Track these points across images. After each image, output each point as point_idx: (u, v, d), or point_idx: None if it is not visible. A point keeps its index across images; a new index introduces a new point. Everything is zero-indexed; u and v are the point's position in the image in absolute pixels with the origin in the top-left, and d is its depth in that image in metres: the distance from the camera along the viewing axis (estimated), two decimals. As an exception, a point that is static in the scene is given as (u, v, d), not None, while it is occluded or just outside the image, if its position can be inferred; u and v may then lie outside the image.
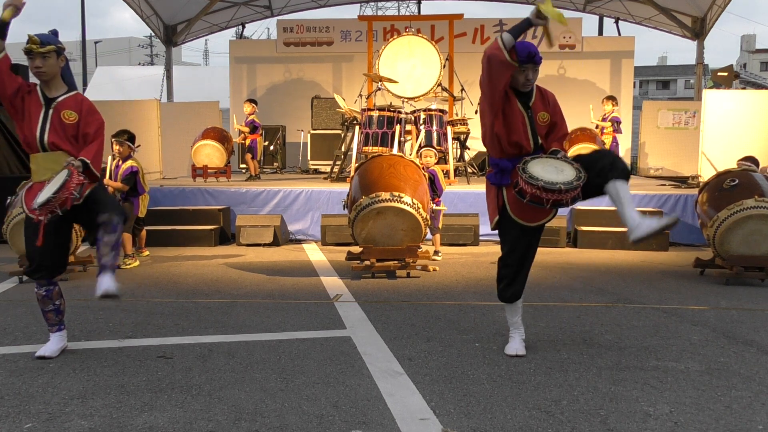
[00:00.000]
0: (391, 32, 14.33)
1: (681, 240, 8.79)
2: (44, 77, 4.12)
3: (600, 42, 15.63)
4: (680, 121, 13.92)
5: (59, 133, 4.11)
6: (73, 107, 4.15)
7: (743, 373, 3.84)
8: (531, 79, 4.04)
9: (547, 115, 4.15)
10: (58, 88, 4.17)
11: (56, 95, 4.16)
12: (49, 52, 4.05)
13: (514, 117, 4.06)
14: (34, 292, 4.15)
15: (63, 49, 4.15)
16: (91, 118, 4.18)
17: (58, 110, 4.12)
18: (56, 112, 4.12)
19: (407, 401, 3.42)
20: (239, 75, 15.60)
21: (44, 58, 4.05)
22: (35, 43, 4.00)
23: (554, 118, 4.19)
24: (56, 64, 4.12)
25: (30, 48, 4.02)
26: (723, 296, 5.90)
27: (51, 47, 4.06)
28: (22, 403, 3.41)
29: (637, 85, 49.37)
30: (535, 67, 4.03)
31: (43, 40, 4.04)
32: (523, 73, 4.00)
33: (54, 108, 4.12)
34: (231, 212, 9.37)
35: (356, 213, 6.54)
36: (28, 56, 4.07)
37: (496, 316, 5.12)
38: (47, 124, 4.10)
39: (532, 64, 3.99)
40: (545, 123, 4.16)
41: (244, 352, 4.22)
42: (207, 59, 62.36)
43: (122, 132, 7.45)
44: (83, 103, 4.19)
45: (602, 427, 3.11)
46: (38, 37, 4.04)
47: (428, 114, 9.81)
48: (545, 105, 4.16)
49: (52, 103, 4.13)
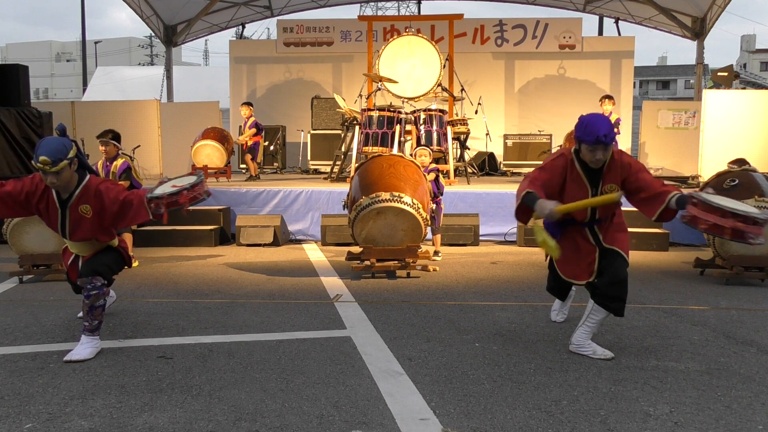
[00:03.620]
0: (391, 32, 14.34)
1: (681, 240, 8.78)
2: (61, 189, 4.18)
3: (600, 42, 15.63)
4: (680, 121, 13.91)
5: (83, 230, 4.27)
6: (86, 200, 4.22)
7: (743, 373, 3.84)
8: (600, 158, 3.96)
9: (614, 186, 4.03)
10: (71, 186, 4.21)
11: (69, 193, 4.21)
12: (62, 168, 4.05)
13: (576, 191, 4.05)
14: (33, 293, 4.15)
15: (73, 157, 4.13)
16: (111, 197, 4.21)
17: (74, 209, 4.23)
18: (72, 211, 4.23)
19: (407, 401, 3.42)
20: (239, 75, 15.60)
21: (57, 174, 4.06)
22: (47, 164, 3.99)
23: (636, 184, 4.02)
24: (69, 174, 4.14)
25: (42, 168, 4.02)
26: (723, 296, 5.90)
27: (63, 164, 4.04)
28: (23, 403, 3.41)
29: (637, 85, 49.36)
30: (606, 147, 3.92)
31: (54, 160, 4.00)
32: (591, 153, 3.93)
33: (69, 208, 4.23)
34: (231, 212, 9.36)
35: (356, 213, 6.54)
36: (41, 172, 4.07)
37: (496, 316, 5.13)
38: (67, 226, 4.26)
39: (602, 146, 3.90)
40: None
41: (244, 352, 4.22)
42: (207, 59, 62.42)
43: (106, 132, 7.27)
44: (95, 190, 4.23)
45: (602, 427, 3.11)
46: (48, 156, 3.99)
47: (428, 114, 9.81)
48: (615, 176, 4.04)
49: (67, 204, 4.23)
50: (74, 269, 4.53)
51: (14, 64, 10.33)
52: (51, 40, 70.57)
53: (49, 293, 5.97)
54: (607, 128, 3.85)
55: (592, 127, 3.86)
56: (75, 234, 4.30)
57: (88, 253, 4.42)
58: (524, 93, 14.93)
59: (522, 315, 5.15)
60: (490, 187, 9.60)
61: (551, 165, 4.09)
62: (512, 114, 14.94)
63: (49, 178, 4.05)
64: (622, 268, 4.08)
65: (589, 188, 4.04)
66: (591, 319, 4.17)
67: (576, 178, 4.04)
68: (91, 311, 4.19)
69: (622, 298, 4.05)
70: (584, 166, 4.03)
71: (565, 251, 4.07)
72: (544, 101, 14.61)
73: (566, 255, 4.12)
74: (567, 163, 4.06)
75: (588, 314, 4.18)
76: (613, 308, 4.06)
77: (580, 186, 4.04)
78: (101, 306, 4.23)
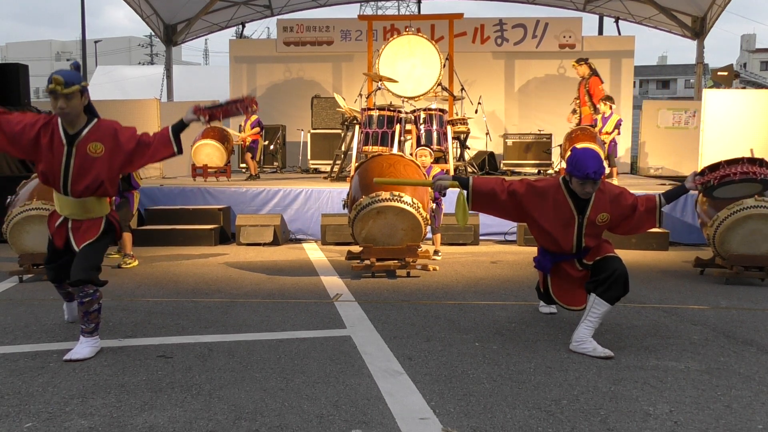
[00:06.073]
0: (391, 32, 14.32)
1: (681, 240, 8.78)
2: (67, 117, 4.03)
3: (600, 41, 15.62)
4: (680, 121, 13.90)
5: (89, 175, 4.08)
6: (98, 137, 4.09)
7: (743, 373, 3.84)
8: (590, 191, 4.16)
9: (606, 215, 4.24)
10: (80, 122, 4.08)
11: (78, 129, 4.07)
12: (74, 92, 3.94)
13: (560, 216, 4.25)
14: (33, 292, 4.15)
15: (86, 86, 4.07)
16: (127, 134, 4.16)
17: (82, 147, 4.06)
18: (80, 150, 4.06)
19: (407, 401, 3.42)
20: (239, 74, 15.59)
21: (68, 98, 3.94)
22: (59, 84, 3.88)
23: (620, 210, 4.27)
24: (80, 104, 4.02)
25: (54, 89, 3.90)
26: (723, 296, 5.89)
27: (75, 87, 3.94)
28: (23, 403, 3.41)
29: (637, 84, 49.35)
30: (595, 183, 4.11)
31: (66, 81, 3.91)
32: (581, 186, 4.13)
33: (77, 146, 4.05)
34: (231, 212, 9.36)
35: (356, 212, 6.54)
36: (52, 95, 3.95)
37: (496, 315, 5.13)
38: (71, 169, 4.06)
39: (591, 181, 4.10)
40: (603, 223, 4.26)
41: (244, 352, 4.22)
42: (207, 59, 62.48)
43: None
44: (109, 127, 4.13)
45: (602, 426, 3.11)
46: (62, 76, 3.91)
47: (428, 113, 9.81)
48: (604, 206, 4.24)
49: (75, 140, 4.06)
50: (61, 234, 4.23)
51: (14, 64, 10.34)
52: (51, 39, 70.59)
53: (49, 293, 5.96)
54: (596, 165, 4.05)
55: (582, 163, 4.06)
56: (78, 181, 4.08)
57: (82, 216, 4.17)
58: (524, 92, 14.92)
59: (522, 314, 5.15)
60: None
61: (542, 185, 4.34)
62: (512, 113, 14.93)
63: (60, 101, 3.91)
64: (616, 260, 4.22)
65: (576, 216, 4.24)
66: (593, 313, 4.17)
67: (565, 210, 4.24)
68: (87, 316, 4.15)
69: (622, 287, 4.14)
70: (572, 194, 4.23)
71: (559, 281, 4.46)
72: (544, 101, 14.59)
73: (561, 284, 4.47)
74: (556, 191, 4.26)
75: (590, 309, 4.19)
76: (613, 297, 4.15)
77: (568, 216, 4.25)
78: (96, 310, 4.18)
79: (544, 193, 4.26)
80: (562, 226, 4.25)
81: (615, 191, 4.30)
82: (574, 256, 4.38)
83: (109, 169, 4.15)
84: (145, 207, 9.36)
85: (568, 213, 4.23)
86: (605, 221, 4.25)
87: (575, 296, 4.45)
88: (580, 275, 4.41)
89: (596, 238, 4.34)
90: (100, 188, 4.18)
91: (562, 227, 4.26)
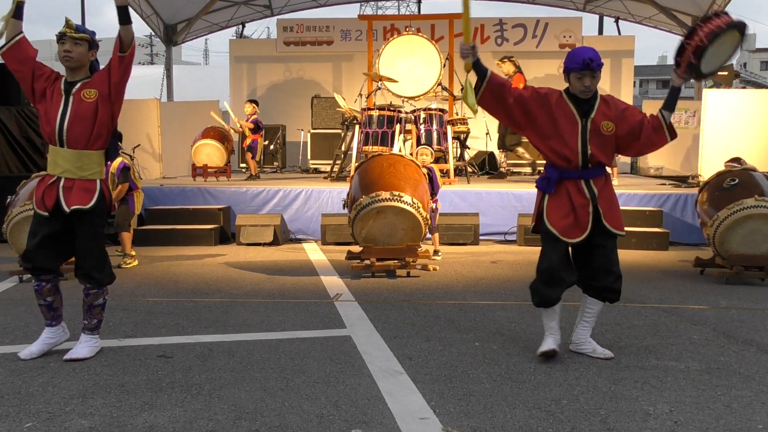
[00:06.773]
0: (391, 31, 14.31)
1: (681, 239, 8.78)
2: (71, 63, 4.01)
3: (600, 41, 15.58)
4: (680, 121, 13.87)
5: (84, 122, 3.98)
6: (93, 85, 4.05)
7: (743, 373, 3.84)
8: (588, 85, 3.94)
9: (611, 124, 3.99)
10: (81, 75, 4.08)
11: (78, 79, 4.05)
12: (82, 40, 3.98)
13: (566, 125, 3.99)
14: (33, 291, 4.14)
15: (97, 44, 4.08)
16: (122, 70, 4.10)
17: (78, 95, 4.02)
18: (76, 98, 4.02)
19: (407, 400, 3.42)
20: (239, 74, 15.59)
21: (75, 43, 3.97)
22: (70, 28, 3.93)
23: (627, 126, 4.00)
24: (86, 55, 4.04)
25: (64, 32, 3.94)
26: (723, 295, 5.89)
27: (85, 36, 3.99)
28: (23, 403, 3.41)
29: (637, 84, 49.33)
30: (594, 74, 3.91)
31: (78, 27, 3.99)
32: (579, 81, 3.93)
33: (74, 94, 4.02)
34: (231, 211, 9.36)
35: (356, 212, 6.54)
36: (60, 41, 3.96)
37: (496, 315, 5.13)
38: (67, 116, 3.99)
39: (589, 71, 3.90)
40: (609, 132, 4.00)
41: (244, 352, 4.22)
42: (207, 58, 62.38)
43: None
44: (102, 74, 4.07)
45: (602, 426, 3.11)
46: (75, 24, 3.98)
47: (428, 113, 9.81)
48: (609, 114, 4.01)
49: (72, 88, 4.03)
50: (51, 194, 4.00)
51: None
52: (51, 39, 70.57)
53: (49, 292, 5.97)
54: (593, 54, 3.91)
55: (579, 53, 3.93)
56: (73, 128, 3.97)
57: (76, 174, 4.00)
58: (524, 92, 14.90)
59: (522, 314, 5.15)
60: (490, 187, 9.61)
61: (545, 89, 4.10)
62: (512, 113, 14.91)
63: (67, 44, 3.94)
64: (614, 253, 4.08)
65: (578, 120, 3.99)
66: (587, 312, 4.15)
67: (567, 112, 4.01)
68: (91, 310, 4.15)
69: (616, 287, 4.06)
70: (574, 98, 4.02)
71: (558, 206, 4.02)
72: (544, 100, 14.58)
73: (559, 210, 4.02)
74: (558, 96, 4.06)
75: (584, 310, 4.17)
76: (608, 297, 4.09)
77: (570, 119, 4.00)
78: (101, 305, 4.18)
79: (547, 95, 4.05)
80: (566, 127, 3.99)
81: (621, 106, 4.08)
82: (581, 175, 4.02)
83: (103, 113, 4.05)
84: (145, 207, 9.36)
85: (571, 116, 3.99)
86: (611, 131, 3.98)
87: (571, 228, 4.00)
88: (582, 203, 4.00)
89: (603, 150, 4.02)
90: (93, 135, 4.04)
91: (566, 128, 3.99)
